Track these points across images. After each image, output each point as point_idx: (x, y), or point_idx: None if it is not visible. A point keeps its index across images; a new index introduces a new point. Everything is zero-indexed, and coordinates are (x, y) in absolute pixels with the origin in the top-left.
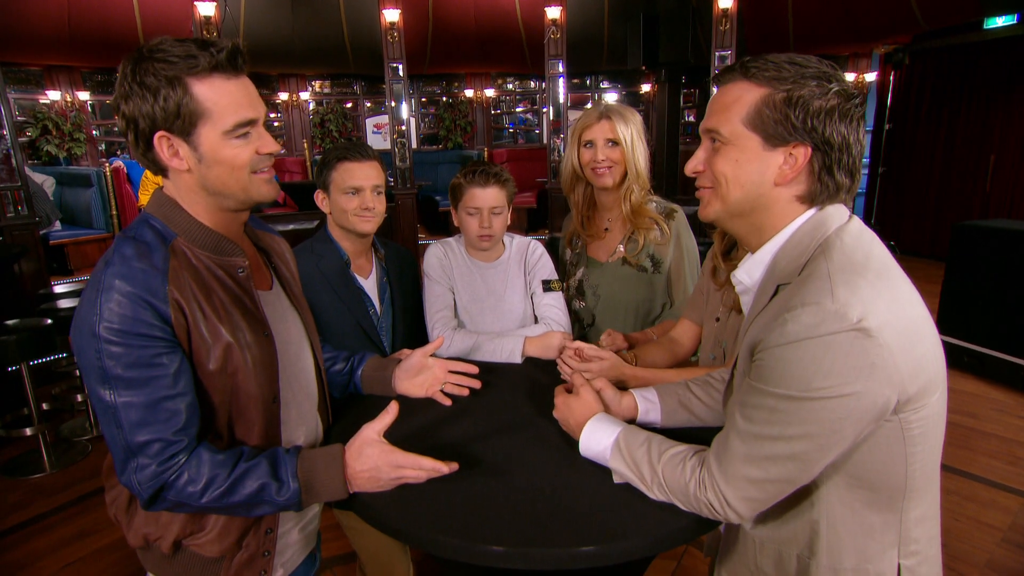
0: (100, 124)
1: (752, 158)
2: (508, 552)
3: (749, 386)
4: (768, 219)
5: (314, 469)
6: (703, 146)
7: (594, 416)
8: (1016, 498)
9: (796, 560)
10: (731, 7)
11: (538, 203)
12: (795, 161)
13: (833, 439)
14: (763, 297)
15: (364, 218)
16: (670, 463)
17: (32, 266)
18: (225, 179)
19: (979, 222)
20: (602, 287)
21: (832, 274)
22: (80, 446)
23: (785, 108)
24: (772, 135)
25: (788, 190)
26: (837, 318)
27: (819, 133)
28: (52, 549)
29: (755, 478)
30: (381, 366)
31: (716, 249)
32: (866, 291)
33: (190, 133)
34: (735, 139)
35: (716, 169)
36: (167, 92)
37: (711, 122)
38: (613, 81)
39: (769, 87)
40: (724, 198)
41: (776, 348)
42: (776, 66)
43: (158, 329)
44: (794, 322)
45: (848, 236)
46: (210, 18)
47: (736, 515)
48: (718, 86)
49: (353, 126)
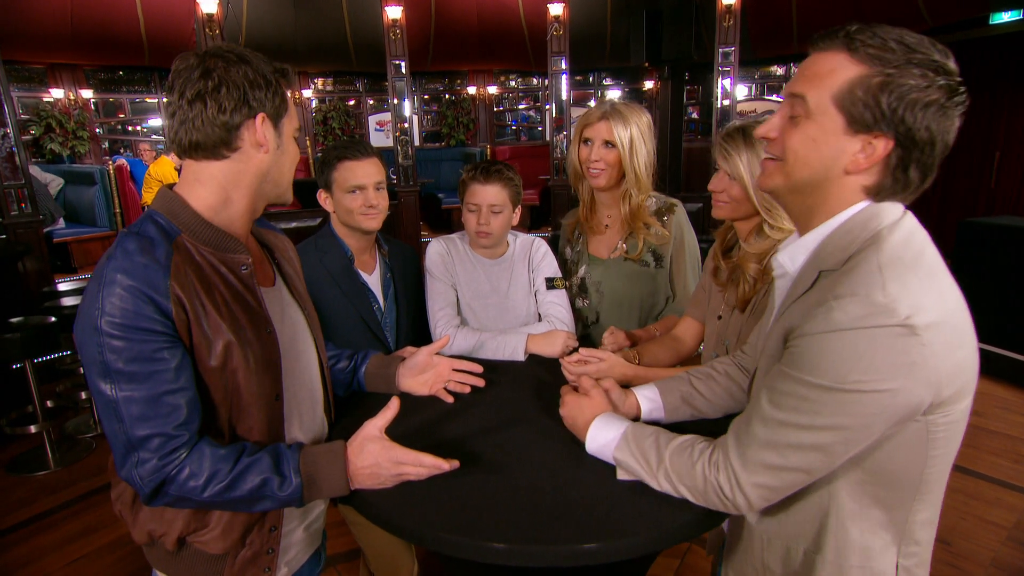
0: (103, 122)
1: (830, 140)
2: (511, 549)
3: (780, 372)
4: (824, 203)
5: (316, 464)
6: (781, 111)
7: (601, 414)
8: (1021, 496)
9: (803, 556)
10: (735, 3)
11: (541, 200)
12: (872, 151)
13: (861, 434)
14: (802, 283)
15: (369, 215)
16: (677, 449)
17: (36, 264)
18: (286, 170)
19: (985, 219)
20: (605, 284)
21: (883, 267)
22: (84, 443)
23: (879, 94)
24: (857, 119)
25: (856, 179)
26: (886, 312)
27: (906, 126)
28: (56, 546)
29: (773, 464)
30: (385, 363)
31: (717, 248)
32: (916, 289)
33: (279, 121)
34: (818, 114)
35: (788, 143)
36: (276, 85)
37: (800, 86)
38: (616, 78)
39: (869, 67)
40: (789, 175)
41: (817, 335)
42: (883, 44)
43: (159, 324)
44: (840, 311)
45: (901, 232)
46: (212, 16)
47: (745, 501)
48: (813, 51)
49: (356, 124)
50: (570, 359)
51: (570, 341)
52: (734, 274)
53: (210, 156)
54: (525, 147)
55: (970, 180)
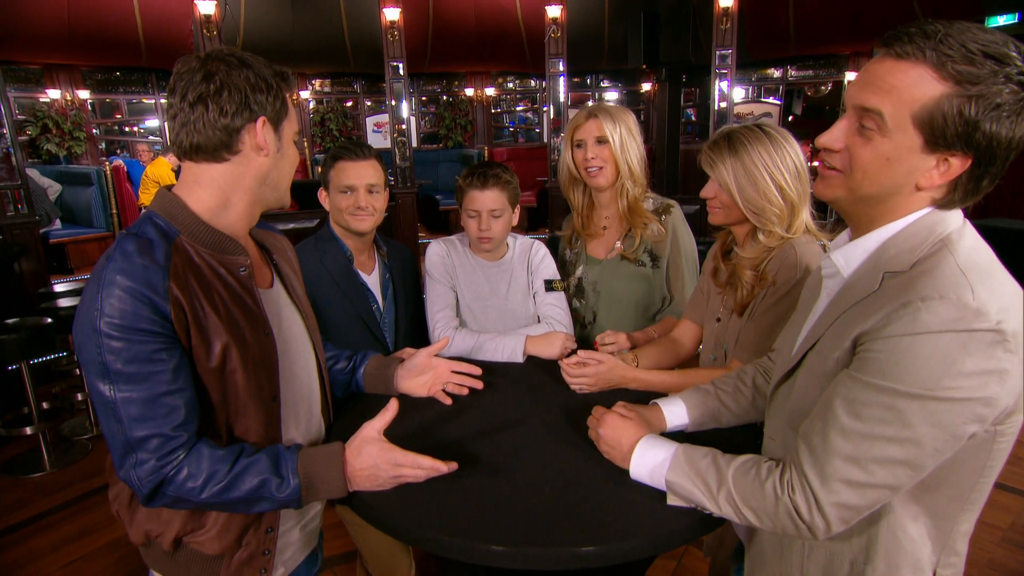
0: (100, 123)
1: (904, 159)
2: (509, 552)
3: (856, 379)
4: (886, 210)
5: (314, 466)
6: (847, 122)
7: (645, 437)
8: (1017, 498)
9: (849, 566)
10: (732, 5)
11: (538, 202)
12: (947, 168)
13: (949, 445)
14: (864, 284)
15: (358, 217)
16: (740, 469)
17: (32, 265)
18: (286, 173)
19: (980, 221)
20: (601, 284)
21: (965, 270)
22: (80, 445)
23: (965, 113)
24: (938, 139)
25: (927, 193)
26: (979, 316)
27: (988, 142)
28: (53, 548)
29: (857, 481)
30: (383, 365)
31: (717, 250)
32: (1000, 294)
33: (279, 125)
34: (895, 132)
35: (858, 159)
36: (277, 88)
37: (874, 100)
38: (613, 80)
39: (956, 84)
40: (854, 189)
41: (901, 338)
42: (969, 57)
43: (158, 325)
44: (930, 312)
45: (970, 237)
46: (210, 17)
47: (824, 524)
48: (885, 55)
49: (353, 125)
50: (569, 361)
51: (568, 343)
52: (733, 277)
53: (210, 159)
54: (523, 149)
55: None
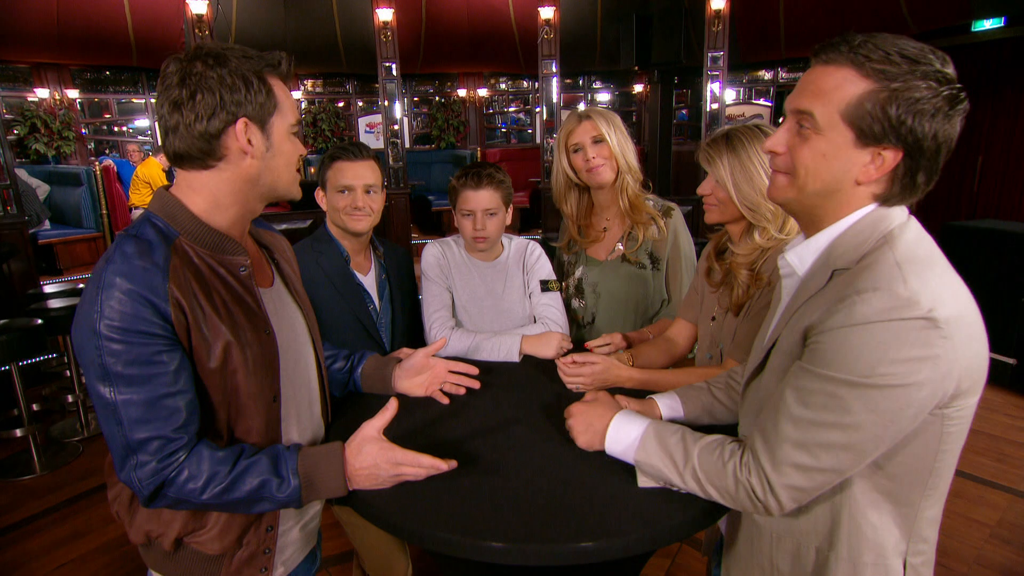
0: (89, 122)
1: (840, 154)
2: (507, 548)
3: (804, 369)
4: (832, 208)
5: (315, 466)
6: (787, 126)
7: (619, 412)
8: (1004, 495)
9: (815, 553)
10: (724, 8)
11: (531, 203)
12: (882, 162)
13: (890, 430)
14: (815, 281)
15: (355, 217)
16: (706, 448)
17: (21, 266)
18: (281, 171)
19: (967, 222)
20: (601, 285)
21: (901, 264)
22: (71, 447)
23: (887, 108)
24: (867, 133)
25: (867, 188)
26: (909, 305)
27: (915, 137)
28: (44, 551)
29: (804, 465)
30: (381, 364)
31: (711, 250)
32: (935, 283)
33: (266, 123)
34: (828, 129)
35: (799, 159)
36: (257, 84)
37: (805, 103)
38: (606, 81)
39: (876, 81)
40: (801, 188)
41: (841, 329)
42: (887, 57)
43: (158, 327)
44: (864, 304)
45: (911, 232)
46: (202, 16)
47: (776, 504)
48: (815, 63)
49: (345, 125)
50: (565, 360)
51: (564, 343)
52: (728, 277)
53: (197, 166)
54: (515, 149)
55: (952, 184)
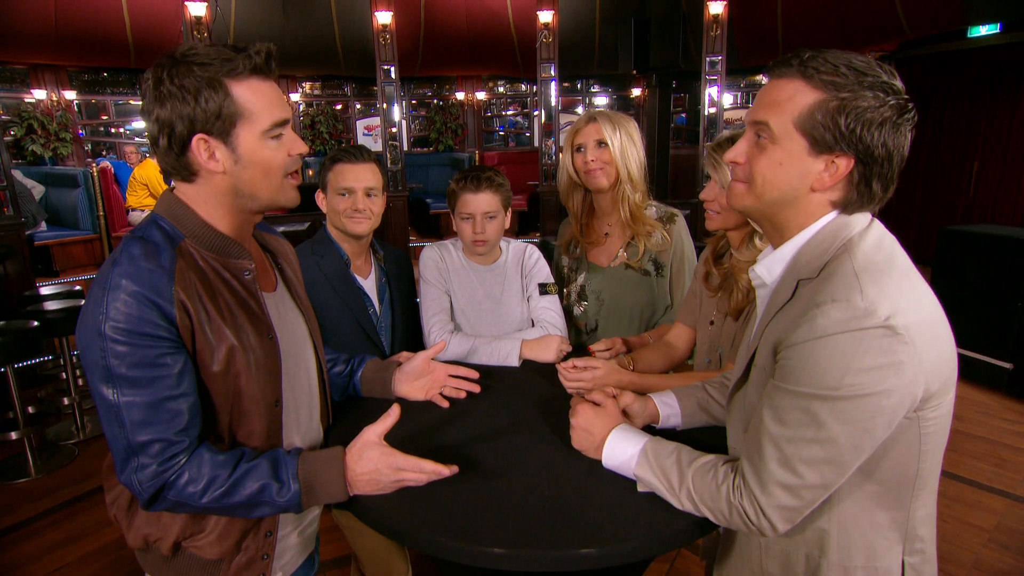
0: (86, 124)
1: (795, 162)
2: (508, 554)
3: (776, 387)
4: (794, 218)
5: (315, 471)
6: (746, 138)
7: (617, 427)
8: (1001, 499)
9: (805, 560)
10: (722, 12)
11: (529, 206)
12: (836, 169)
13: (866, 439)
14: (782, 293)
15: (355, 219)
16: (700, 470)
17: (17, 267)
18: (259, 181)
19: (964, 227)
20: (605, 292)
21: (858, 272)
22: (67, 450)
23: (837, 117)
24: (819, 141)
25: (823, 195)
26: (867, 314)
27: (865, 145)
28: (40, 554)
29: (790, 484)
30: (381, 368)
31: (709, 254)
32: (892, 290)
33: (229, 134)
34: (782, 139)
35: (756, 168)
36: (208, 94)
37: (761, 114)
38: (604, 85)
39: (824, 92)
40: (759, 196)
41: (804, 344)
42: (835, 69)
43: (163, 329)
44: (824, 317)
45: (871, 238)
46: (201, 18)
47: (769, 525)
48: (770, 78)
49: (344, 128)
50: (566, 365)
51: (564, 346)
52: (726, 281)
53: (181, 179)
54: (513, 153)
55: (949, 189)
